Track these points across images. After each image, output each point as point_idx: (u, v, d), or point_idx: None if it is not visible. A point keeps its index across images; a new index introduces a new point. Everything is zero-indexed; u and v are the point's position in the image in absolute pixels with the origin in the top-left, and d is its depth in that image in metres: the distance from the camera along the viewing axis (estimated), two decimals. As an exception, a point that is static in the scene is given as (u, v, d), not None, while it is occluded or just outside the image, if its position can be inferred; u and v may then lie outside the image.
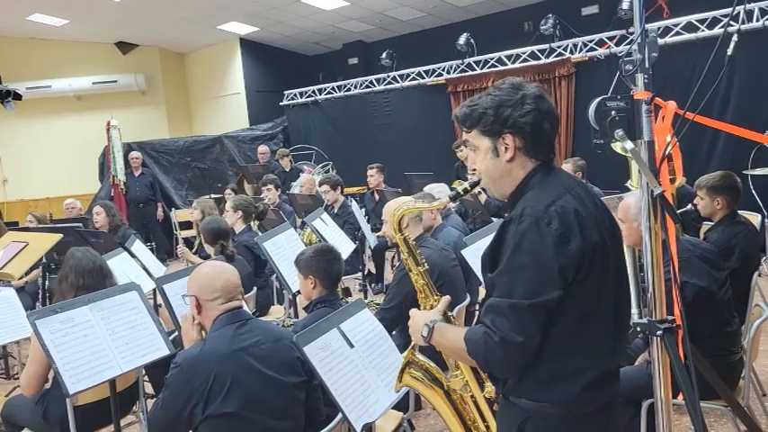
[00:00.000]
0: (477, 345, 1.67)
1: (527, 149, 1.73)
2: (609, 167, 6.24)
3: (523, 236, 1.61)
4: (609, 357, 1.72)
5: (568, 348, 1.65)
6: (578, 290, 1.62)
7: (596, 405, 1.71)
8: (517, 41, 9.27)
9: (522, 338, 1.59)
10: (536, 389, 1.68)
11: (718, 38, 1.95)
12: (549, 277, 1.58)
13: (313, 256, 3.18)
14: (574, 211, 1.64)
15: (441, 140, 9.81)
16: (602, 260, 1.66)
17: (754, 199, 6.38)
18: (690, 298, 2.78)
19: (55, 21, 10.69)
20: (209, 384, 2.26)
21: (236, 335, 2.41)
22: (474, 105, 1.76)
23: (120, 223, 6.84)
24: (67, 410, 2.95)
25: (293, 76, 12.33)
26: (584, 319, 1.65)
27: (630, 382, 2.63)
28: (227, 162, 11.53)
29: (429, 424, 3.87)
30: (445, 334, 1.83)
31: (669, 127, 1.99)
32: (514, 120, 1.70)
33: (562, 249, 1.59)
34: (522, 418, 1.72)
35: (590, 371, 1.66)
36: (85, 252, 3.39)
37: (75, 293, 3.12)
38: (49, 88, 11.80)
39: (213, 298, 2.47)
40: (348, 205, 6.92)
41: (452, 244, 4.21)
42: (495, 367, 1.69)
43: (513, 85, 1.74)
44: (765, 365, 4.28)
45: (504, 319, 1.60)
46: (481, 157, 1.79)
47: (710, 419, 3.57)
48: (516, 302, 1.60)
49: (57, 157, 11.74)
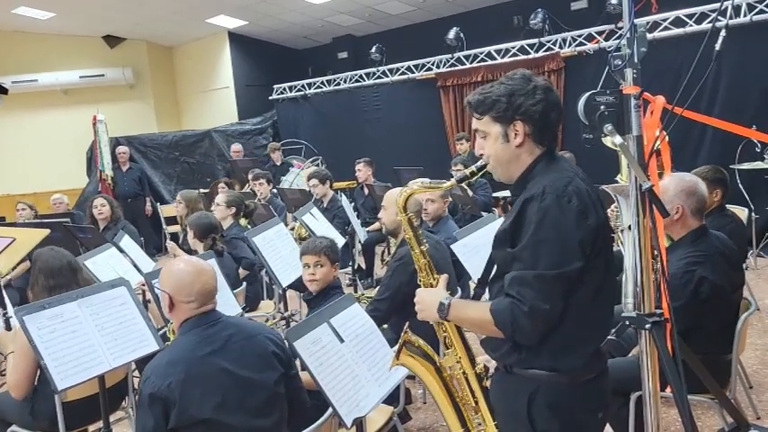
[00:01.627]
0: (503, 314, 1.76)
1: (535, 136, 1.86)
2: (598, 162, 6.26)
3: (547, 211, 1.73)
4: (608, 329, 1.91)
5: (581, 319, 1.79)
6: (594, 263, 1.77)
7: (594, 372, 1.87)
8: (507, 36, 9.27)
9: (548, 306, 1.71)
10: (550, 358, 1.80)
11: (706, 33, 1.96)
12: (571, 249, 1.72)
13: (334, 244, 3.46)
14: (585, 191, 1.79)
15: (430, 135, 9.82)
16: (607, 237, 1.84)
17: (741, 193, 6.42)
18: (705, 294, 2.78)
19: (41, 14, 10.58)
20: (181, 391, 2.19)
21: (206, 337, 2.34)
22: (488, 93, 1.88)
23: (119, 216, 6.81)
24: (56, 406, 2.93)
25: (282, 71, 12.28)
26: (597, 292, 1.80)
27: (622, 373, 2.64)
28: (216, 156, 11.48)
29: (420, 418, 3.89)
30: (465, 309, 1.93)
31: (658, 122, 2.00)
32: (526, 108, 1.83)
33: (582, 223, 1.73)
34: (531, 388, 1.83)
35: (595, 341, 1.85)
36: (50, 251, 3.36)
37: (48, 295, 3.09)
38: (35, 82, 11.70)
39: (188, 300, 2.37)
40: (338, 200, 6.91)
41: (452, 238, 4.21)
42: (521, 335, 1.77)
43: (524, 76, 1.87)
44: (751, 358, 4.33)
45: (531, 290, 1.72)
46: (491, 143, 1.90)
47: (698, 412, 3.60)
48: (542, 273, 1.72)
49: (44, 151, 11.65)
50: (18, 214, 7.09)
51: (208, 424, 2.23)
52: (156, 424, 2.19)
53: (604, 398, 1.94)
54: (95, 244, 5.25)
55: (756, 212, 6.35)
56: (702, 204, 3.00)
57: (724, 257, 2.94)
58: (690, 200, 2.93)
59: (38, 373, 3.04)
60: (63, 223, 6.13)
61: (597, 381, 1.88)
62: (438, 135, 9.71)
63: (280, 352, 2.46)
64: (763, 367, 4.22)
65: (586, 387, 1.84)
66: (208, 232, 4.60)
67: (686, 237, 2.97)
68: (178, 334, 2.43)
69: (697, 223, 2.98)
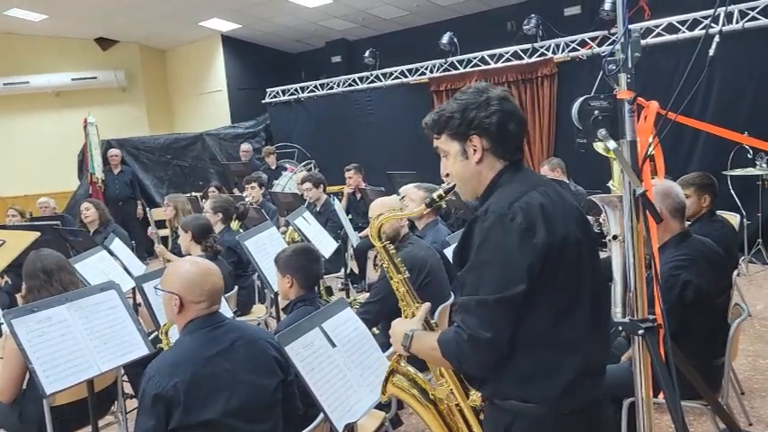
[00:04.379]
0: (449, 345, 1.69)
1: (494, 150, 1.77)
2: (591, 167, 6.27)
3: (488, 232, 1.65)
4: (589, 353, 1.72)
5: (547, 343, 1.67)
6: (551, 283, 1.64)
7: (582, 403, 1.72)
8: (500, 41, 9.30)
9: (490, 334, 1.61)
10: (518, 387, 1.69)
11: (699, 39, 1.96)
12: (514, 271, 1.61)
13: (292, 255, 3.18)
14: (539, 206, 1.66)
15: (423, 139, 9.67)
16: (573, 255, 1.69)
17: (733, 199, 6.45)
18: (689, 298, 2.78)
19: (33, 16, 10.53)
20: (186, 392, 2.18)
21: (212, 339, 2.34)
22: (441, 111, 1.84)
23: (109, 219, 6.79)
24: (44, 411, 2.90)
25: (276, 74, 12.26)
26: (561, 315, 1.67)
27: (613, 380, 2.64)
28: (209, 160, 11.44)
29: (412, 423, 3.87)
30: (422, 340, 1.84)
31: (651, 127, 2.00)
32: (480, 121, 1.75)
33: (527, 243, 1.61)
34: (507, 419, 1.72)
35: (570, 368, 1.67)
36: (40, 253, 3.36)
37: (37, 297, 3.08)
38: (27, 84, 11.63)
39: (199, 300, 2.36)
40: (331, 203, 6.89)
41: (440, 242, 4.21)
42: (467, 366, 1.71)
43: (477, 89, 1.80)
44: (743, 365, 4.33)
45: (473, 317, 1.63)
46: (452, 161, 1.84)
47: (690, 418, 3.60)
48: (483, 298, 1.63)
49: (35, 154, 11.56)
50: (8, 221, 7.05)
51: (209, 426, 2.22)
52: (156, 424, 2.17)
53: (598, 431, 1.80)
54: (86, 247, 5.22)
55: (748, 218, 6.37)
56: (681, 206, 3.00)
57: (708, 261, 2.94)
58: (666, 201, 2.94)
59: (26, 377, 3.01)
60: (53, 226, 6.09)
61: (589, 412, 1.73)
62: (430, 139, 9.66)
63: (280, 357, 2.45)
64: (755, 373, 4.23)
65: (574, 419, 1.70)
66: (206, 233, 4.57)
67: (670, 241, 2.96)
68: (182, 334, 2.41)
69: (679, 227, 2.98)
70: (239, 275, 5.01)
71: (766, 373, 4.22)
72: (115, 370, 3.08)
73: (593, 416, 1.76)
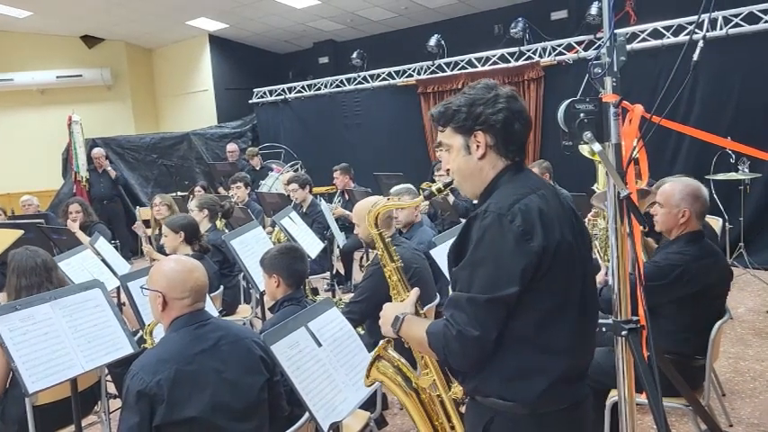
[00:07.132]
0: (437, 337, 1.70)
1: (498, 148, 1.76)
2: (576, 170, 6.32)
3: (486, 231, 1.65)
4: (574, 357, 1.73)
5: (532, 345, 1.67)
6: (541, 285, 1.64)
7: (563, 404, 1.72)
8: (487, 44, 9.34)
9: (478, 332, 1.62)
10: (501, 386, 1.70)
11: (684, 45, 1.98)
12: (507, 273, 1.61)
13: (277, 255, 3.18)
14: (537, 210, 1.66)
15: (410, 141, 9.84)
16: (566, 259, 1.68)
17: (715, 203, 6.51)
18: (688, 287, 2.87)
19: (18, 12, 10.42)
20: (169, 388, 2.17)
21: (197, 336, 2.34)
22: (448, 104, 1.81)
23: (94, 220, 6.75)
24: (26, 410, 2.88)
25: (263, 74, 12.23)
26: (549, 316, 1.67)
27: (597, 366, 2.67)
28: (195, 160, 11.38)
29: (396, 423, 3.88)
30: (412, 326, 1.85)
31: (636, 130, 2.02)
32: (486, 117, 1.74)
33: (523, 246, 1.61)
34: (487, 417, 1.73)
35: (554, 369, 1.68)
36: (24, 251, 3.33)
37: (22, 295, 3.07)
38: (11, 81, 11.52)
39: (182, 297, 2.37)
40: (317, 204, 6.89)
41: (426, 243, 4.22)
42: (452, 360, 1.70)
43: (486, 85, 1.78)
44: (724, 366, 4.38)
45: (462, 313, 1.64)
46: (454, 156, 1.82)
47: (672, 419, 3.64)
48: (474, 296, 1.63)
49: (19, 152, 11.45)
50: None
51: (193, 423, 2.21)
52: (141, 421, 2.17)
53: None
54: (70, 245, 5.19)
55: (730, 222, 6.44)
56: (706, 208, 3.08)
57: (715, 264, 3.02)
58: (696, 204, 3.02)
59: (9, 376, 2.98)
60: (37, 224, 6.04)
61: (569, 413, 1.73)
62: (418, 141, 9.72)
63: (266, 356, 2.45)
64: (736, 375, 4.28)
65: (553, 419, 1.70)
66: (196, 232, 4.56)
67: (683, 236, 3.03)
68: (168, 332, 2.41)
69: (696, 226, 3.04)
70: (224, 275, 4.99)
71: (747, 375, 4.27)
72: (99, 369, 3.07)
73: (575, 416, 1.76)
